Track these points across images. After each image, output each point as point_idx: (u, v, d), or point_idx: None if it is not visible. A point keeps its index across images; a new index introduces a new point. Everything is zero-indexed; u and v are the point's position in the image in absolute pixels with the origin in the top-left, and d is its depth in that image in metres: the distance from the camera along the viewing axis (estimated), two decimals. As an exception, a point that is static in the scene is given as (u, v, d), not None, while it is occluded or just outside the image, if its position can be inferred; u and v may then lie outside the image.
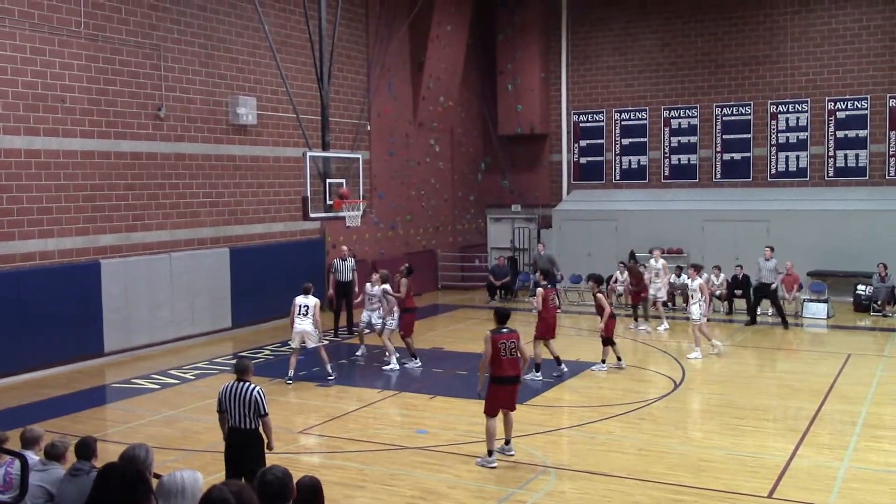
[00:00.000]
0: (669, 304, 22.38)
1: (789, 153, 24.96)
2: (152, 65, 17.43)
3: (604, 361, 15.36)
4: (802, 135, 24.77)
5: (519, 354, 10.25)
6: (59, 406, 13.14)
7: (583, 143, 27.84)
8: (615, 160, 27.39)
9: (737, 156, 25.66)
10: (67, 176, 15.89)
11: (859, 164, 24.11)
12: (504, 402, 10.33)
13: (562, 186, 28.04)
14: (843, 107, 24.26)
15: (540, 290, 14.69)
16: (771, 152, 25.19)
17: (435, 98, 26.02)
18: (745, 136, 25.50)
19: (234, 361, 9.16)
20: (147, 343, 17.24)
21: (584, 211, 26.30)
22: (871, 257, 21.42)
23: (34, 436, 7.44)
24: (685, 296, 21.89)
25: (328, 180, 16.83)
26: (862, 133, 24.07)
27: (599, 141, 27.61)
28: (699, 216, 24.46)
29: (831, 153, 24.46)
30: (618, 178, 27.35)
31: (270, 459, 9.85)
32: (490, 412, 10.23)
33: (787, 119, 24.95)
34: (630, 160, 27.18)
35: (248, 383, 8.27)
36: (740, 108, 25.54)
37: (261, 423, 8.19)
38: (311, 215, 16.48)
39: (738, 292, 21.28)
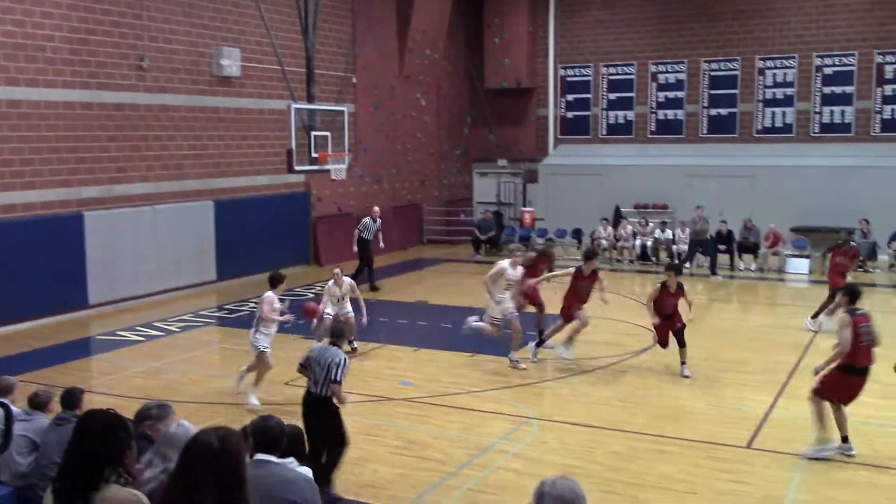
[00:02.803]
0: (653, 258, 22.54)
1: (776, 109, 24.94)
2: (134, 14, 17.17)
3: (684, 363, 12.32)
4: (789, 91, 24.74)
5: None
6: (44, 357, 13.15)
7: (570, 97, 27.71)
8: (602, 115, 27.30)
9: (723, 111, 25.62)
10: (49, 127, 15.72)
11: (845, 121, 24.14)
12: (854, 396, 8.98)
13: (548, 141, 27.96)
14: (831, 63, 24.21)
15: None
16: (757, 108, 25.16)
17: (421, 51, 25.78)
18: (732, 91, 25.44)
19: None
20: (131, 295, 17.21)
21: (570, 165, 26.26)
22: (854, 214, 21.53)
23: (7, 384, 7.42)
24: (669, 251, 22.06)
25: (313, 133, 16.75)
26: (848, 89, 24.05)
27: (586, 95, 27.48)
28: (685, 171, 24.47)
29: (817, 109, 24.45)
30: (604, 132, 27.29)
31: (253, 411, 9.94)
32: (833, 397, 8.98)
33: (774, 74, 24.89)
34: (617, 115, 27.10)
35: (336, 348, 8.05)
36: (728, 63, 25.44)
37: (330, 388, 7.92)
38: (296, 168, 16.43)
39: (723, 247, 21.40)
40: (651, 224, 23.22)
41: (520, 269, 12.74)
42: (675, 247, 22.14)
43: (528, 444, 9.40)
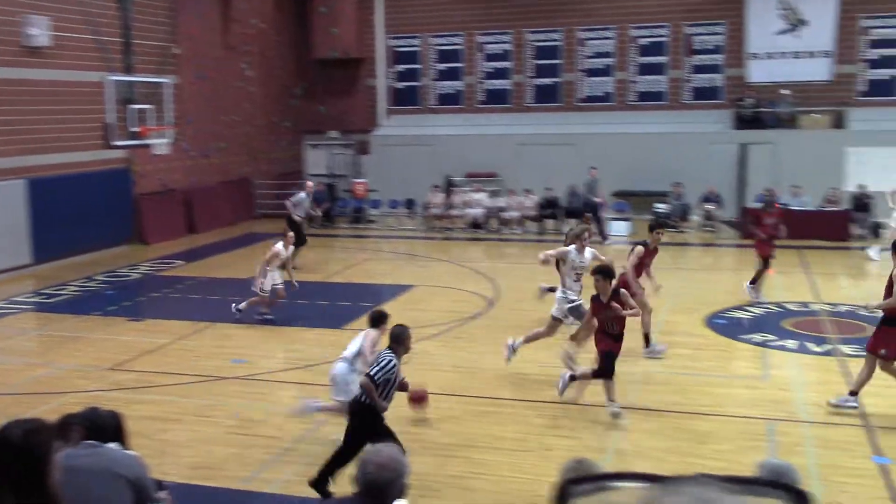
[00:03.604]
0: (485, 227, 23.06)
1: (596, 78, 25.93)
2: (-76, -22, 15.81)
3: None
4: (608, 61, 25.77)
5: None
6: None
7: (399, 67, 27.77)
8: (431, 85, 27.54)
9: (548, 81, 26.40)
10: None
11: (659, 90, 25.41)
12: None
13: (380, 112, 27.95)
14: (645, 34, 25.39)
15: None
16: (579, 78, 26.07)
17: (246, 20, 25.11)
18: (555, 61, 26.23)
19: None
20: (-63, 283, 16.00)
21: (401, 136, 26.39)
22: (668, 178, 22.78)
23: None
24: (500, 219, 22.65)
25: (133, 106, 16.06)
26: (661, 59, 25.31)
27: (416, 66, 27.62)
28: (513, 140, 25.09)
29: (634, 79, 25.61)
30: (434, 103, 27.55)
31: (76, 399, 9.54)
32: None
33: (594, 45, 25.84)
34: (446, 85, 27.40)
35: (387, 351, 7.50)
36: (551, 34, 26.19)
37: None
38: (114, 143, 15.72)
39: (549, 212, 22.16)
40: (482, 193, 23.71)
41: (588, 253, 10.83)
42: (505, 214, 22.75)
43: (364, 415, 9.47)
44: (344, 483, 7.33)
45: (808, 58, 23.91)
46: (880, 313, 9.47)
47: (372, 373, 7.30)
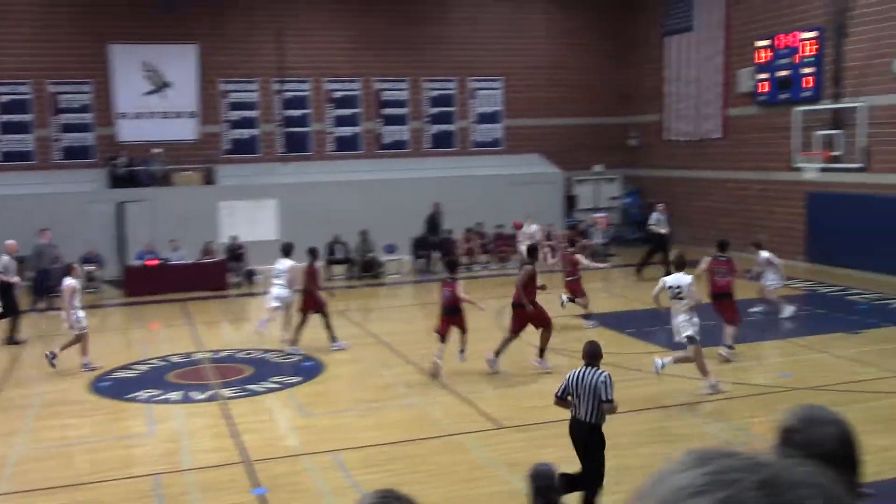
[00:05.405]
0: None
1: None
2: None
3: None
4: None
5: None
6: None
7: None
8: None
9: None
10: None
11: (26, 149, 24.13)
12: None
13: None
14: (5, 91, 23.94)
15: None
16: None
17: None
18: None
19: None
20: None
21: None
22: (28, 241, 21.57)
23: None
24: None
25: None
26: (27, 118, 24.08)
27: None
28: None
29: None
30: None
31: None
32: None
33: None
34: None
35: (596, 369, 7.72)
36: None
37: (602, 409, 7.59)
38: None
39: None
40: None
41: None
42: None
43: None
44: None
45: (175, 118, 24.96)
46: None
47: (611, 397, 7.55)
